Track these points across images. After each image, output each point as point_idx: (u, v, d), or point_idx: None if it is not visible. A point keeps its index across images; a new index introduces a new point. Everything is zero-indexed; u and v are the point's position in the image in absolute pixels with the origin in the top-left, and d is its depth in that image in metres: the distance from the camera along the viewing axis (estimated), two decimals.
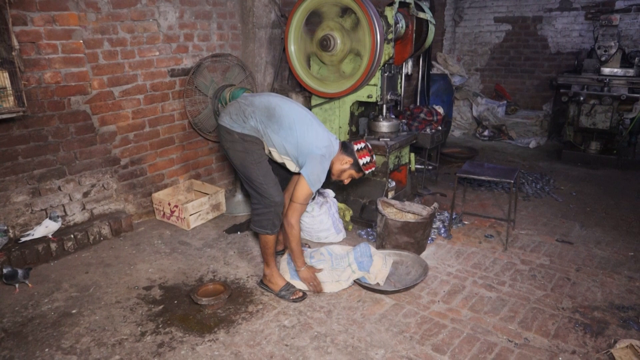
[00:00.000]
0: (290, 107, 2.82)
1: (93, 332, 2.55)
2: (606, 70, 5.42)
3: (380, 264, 2.97)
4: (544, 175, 5.16)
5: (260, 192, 2.78)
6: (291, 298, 2.85)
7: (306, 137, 2.74)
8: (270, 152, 2.84)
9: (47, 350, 2.41)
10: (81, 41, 3.33)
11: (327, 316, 2.69)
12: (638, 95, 5.31)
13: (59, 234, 3.36)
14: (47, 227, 3.24)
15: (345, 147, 2.92)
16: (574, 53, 6.69)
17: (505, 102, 7.22)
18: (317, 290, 2.92)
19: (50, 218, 3.27)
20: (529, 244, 3.58)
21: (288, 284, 2.93)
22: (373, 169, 2.97)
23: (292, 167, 2.88)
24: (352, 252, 3.05)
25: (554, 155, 6.07)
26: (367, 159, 2.90)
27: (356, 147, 2.90)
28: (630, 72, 5.31)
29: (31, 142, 3.21)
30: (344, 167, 2.91)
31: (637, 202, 4.41)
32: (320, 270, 3.00)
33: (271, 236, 2.86)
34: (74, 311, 2.74)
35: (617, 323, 2.61)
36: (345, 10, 3.68)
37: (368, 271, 2.94)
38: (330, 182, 3.14)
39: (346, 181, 3.01)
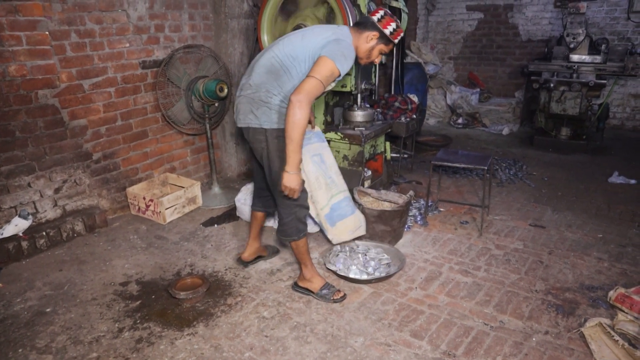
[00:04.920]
0: (278, 46, 2.53)
1: (69, 330, 2.51)
2: (575, 57, 5.54)
3: (349, 226, 2.91)
4: (517, 161, 5.26)
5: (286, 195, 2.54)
6: (332, 298, 2.72)
7: (309, 45, 2.44)
8: None
9: (20, 350, 2.36)
10: (47, 32, 3.23)
11: (306, 306, 2.70)
12: (605, 81, 5.45)
13: (30, 232, 3.28)
14: (16, 226, 3.16)
15: (362, 25, 2.60)
16: (544, 40, 6.80)
17: (478, 89, 7.32)
18: (292, 195, 2.44)
19: (20, 216, 3.18)
20: (503, 229, 3.66)
21: (328, 283, 2.79)
22: (402, 34, 2.66)
23: None
24: (341, 196, 2.93)
25: (526, 141, 6.20)
26: (393, 25, 2.58)
27: (375, 17, 2.58)
28: (598, 58, 5.44)
29: None
30: (371, 43, 2.59)
31: (605, 185, 4.54)
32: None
33: (300, 240, 2.69)
34: (48, 310, 2.69)
35: (587, 303, 2.70)
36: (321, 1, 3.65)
37: (334, 225, 2.87)
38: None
39: (377, 60, 2.70)
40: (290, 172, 2.38)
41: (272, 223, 3.70)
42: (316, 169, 2.84)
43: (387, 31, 2.58)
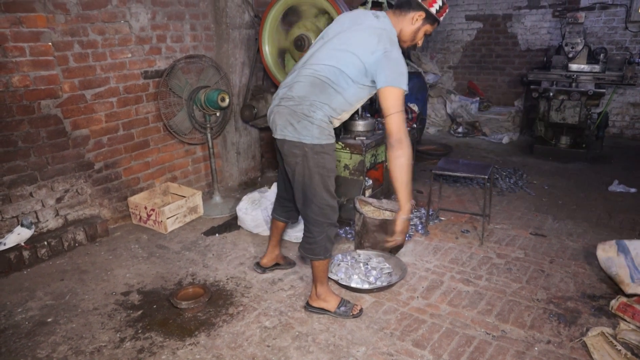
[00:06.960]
0: (319, 57, 2.39)
1: (70, 341, 2.51)
2: (574, 67, 5.57)
3: None
4: (517, 170, 5.27)
5: (319, 214, 2.50)
6: (351, 314, 2.66)
7: (356, 62, 2.32)
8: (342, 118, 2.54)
9: None
10: (50, 43, 3.25)
11: (308, 316, 2.70)
12: (604, 90, 5.48)
13: (31, 241, 3.28)
14: (19, 235, 3.16)
15: (405, 5, 2.40)
16: (543, 50, 6.85)
17: (478, 98, 7.35)
18: (399, 244, 2.53)
19: (22, 225, 3.19)
20: (504, 237, 3.66)
21: (343, 299, 2.72)
22: (447, 10, 2.46)
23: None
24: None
25: (526, 150, 6.21)
26: (439, 2, 2.37)
27: None
28: (596, 68, 5.48)
29: (0, 148, 3.13)
30: (417, 25, 2.42)
31: (605, 194, 4.55)
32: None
33: (325, 260, 2.61)
34: (49, 320, 2.69)
35: (589, 312, 2.70)
36: (322, 11, 3.68)
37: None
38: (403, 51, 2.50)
39: (420, 42, 2.51)
40: (405, 217, 2.47)
41: (286, 236, 3.67)
42: None
43: (433, 9, 2.38)
